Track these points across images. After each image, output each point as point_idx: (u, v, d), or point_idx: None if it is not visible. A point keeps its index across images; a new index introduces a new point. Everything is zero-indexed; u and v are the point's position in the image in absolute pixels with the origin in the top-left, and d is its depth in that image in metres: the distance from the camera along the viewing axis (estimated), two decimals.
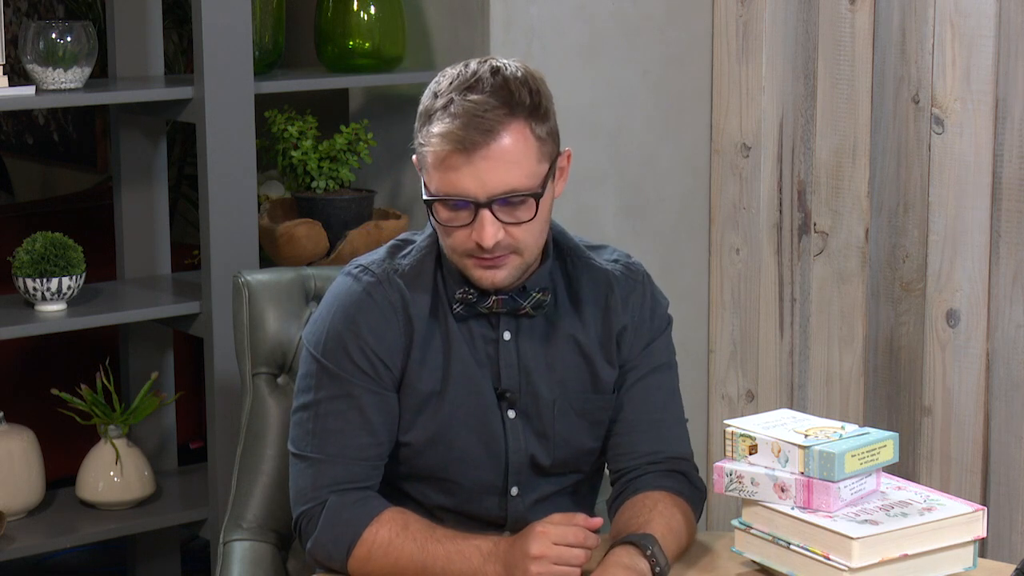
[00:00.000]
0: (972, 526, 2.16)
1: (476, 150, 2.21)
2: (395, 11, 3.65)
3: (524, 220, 2.26)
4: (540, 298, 2.35)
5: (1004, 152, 3.25)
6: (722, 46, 3.78)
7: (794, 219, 3.65)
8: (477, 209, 2.24)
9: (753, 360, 3.77)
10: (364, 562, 2.26)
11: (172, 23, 4.59)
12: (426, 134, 2.26)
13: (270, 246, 3.52)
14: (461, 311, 2.34)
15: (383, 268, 2.36)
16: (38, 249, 3.30)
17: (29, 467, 3.44)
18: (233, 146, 3.38)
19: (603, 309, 2.40)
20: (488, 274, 2.29)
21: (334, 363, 2.32)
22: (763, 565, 2.20)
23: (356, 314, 2.33)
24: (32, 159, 5.87)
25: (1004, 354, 3.29)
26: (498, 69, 2.26)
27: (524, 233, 2.27)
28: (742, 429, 2.22)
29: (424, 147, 2.26)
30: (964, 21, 3.28)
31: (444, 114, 2.23)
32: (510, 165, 2.23)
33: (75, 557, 4.33)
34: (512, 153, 2.23)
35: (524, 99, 2.25)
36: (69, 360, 4.13)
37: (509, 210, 2.25)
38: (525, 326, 2.37)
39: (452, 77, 2.27)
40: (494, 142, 2.22)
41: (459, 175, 2.22)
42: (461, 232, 2.26)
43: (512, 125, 2.23)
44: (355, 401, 2.32)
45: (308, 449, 2.33)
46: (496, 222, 2.24)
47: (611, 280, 2.41)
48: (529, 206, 2.25)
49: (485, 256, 2.27)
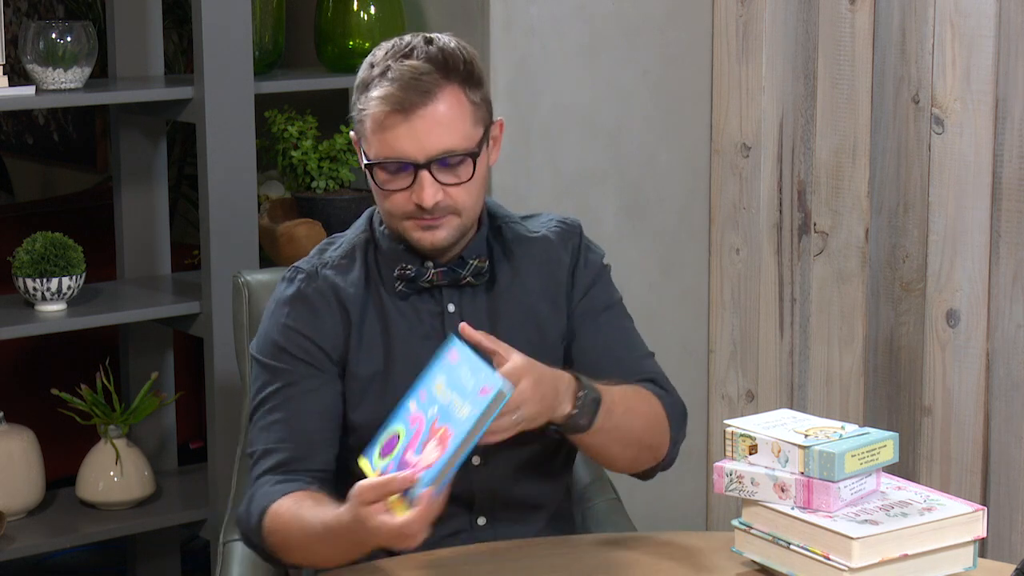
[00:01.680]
0: (972, 526, 2.16)
1: (414, 110, 2.29)
2: (395, 11, 3.65)
3: (463, 180, 2.33)
4: (478, 265, 2.41)
5: (1004, 152, 3.25)
6: (722, 46, 3.78)
7: (794, 219, 3.65)
8: (416, 171, 2.31)
9: (753, 360, 3.77)
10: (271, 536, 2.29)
11: (172, 23, 4.59)
12: (364, 100, 2.33)
13: (270, 246, 3.52)
14: (403, 288, 2.40)
15: (311, 264, 2.44)
16: (38, 249, 3.30)
17: (29, 467, 3.44)
18: (233, 146, 3.38)
19: (544, 263, 2.46)
20: (428, 235, 2.36)
21: (275, 359, 2.39)
22: (763, 565, 2.20)
23: (290, 311, 2.40)
24: (32, 159, 5.87)
25: (1004, 354, 3.29)
26: (432, 39, 2.36)
27: (462, 193, 2.34)
28: (742, 429, 2.22)
29: (364, 111, 2.34)
30: (964, 21, 3.28)
31: (382, 80, 2.32)
32: (446, 126, 2.31)
33: (75, 557, 4.33)
34: (448, 115, 2.31)
35: (458, 66, 2.33)
36: (69, 360, 4.13)
37: (447, 171, 2.32)
38: (468, 296, 2.42)
39: (387, 48, 2.36)
40: (431, 103, 2.30)
41: (397, 136, 2.30)
42: (400, 195, 2.34)
43: (447, 88, 2.31)
44: (298, 389, 2.37)
45: (259, 443, 2.38)
46: (435, 183, 2.32)
47: (547, 237, 2.48)
48: (467, 166, 2.33)
49: (425, 217, 2.34)
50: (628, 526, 2.73)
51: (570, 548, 2.34)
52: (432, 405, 2.13)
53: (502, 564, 2.27)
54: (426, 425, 2.12)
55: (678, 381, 2.58)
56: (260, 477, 2.35)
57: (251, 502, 2.33)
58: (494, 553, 2.32)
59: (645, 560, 2.28)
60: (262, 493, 2.32)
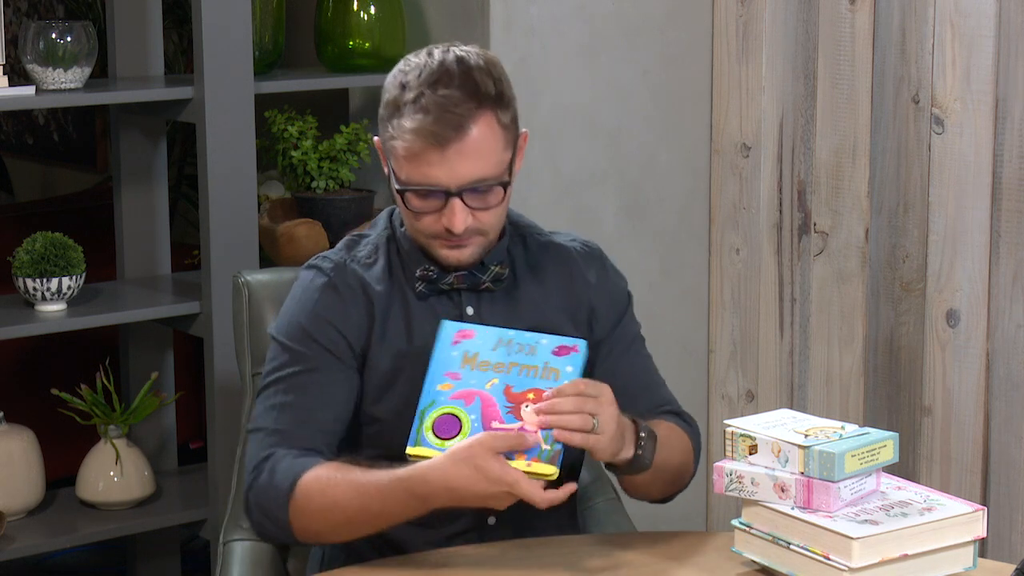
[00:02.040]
0: (972, 526, 2.16)
1: (449, 145, 2.30)
2: (395, 11, 3.65)
3: (492, 206, 2.35)
4: (498, 271, 2.42)
5: (1004, 152, 3.25)
6: (722, 46, 3.78)
7: (794, 219, 3.65)
8: (447, 197, 2.32)
9: (753, 360, 3.77)
10: (305, 503, 2.27)
11: (172, 23, 4.59)
12: (397, 127, 2.33)
13: (270, 246, 3.52)
14: (423, 289, 2.42)
15: (340, 257, 2.45)
16: (38, 249, 3.30)
17: (29, 467, 3.44)
18: (233, 146, 3.38)
19: (567, 278, 2.48)
20: (454, 253, 2.38)
21: (299, 343, 2.39)
22: (763, 565, 2.20)
23: (320, 298, 2.41)
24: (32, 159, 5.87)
25: (1004, 354, 3.29)
26: (462, 58, 2.34)
27: (490, 216, 2.37)
28: (742, 429, 2.22)
29: (395, 140, 2.33)
30: (964, 21, 3.28)
31: (415, 108, 2.31)
32: (479, 156, 2.32)
33: (75, 557, 4.33)
34: (481, 145, 2.32)
35: (490, 89, 2.33)
36: (69, 360, 4.13)
37: (478, 197, 2.34)
38: (486, 300, 2.44)
39: (419, 68, 2.34)
40: (466, 135, 2.30)
41: (431, 165, 2.31)
42: (430, 217, 2.35)
43: (480, 117, 2.31)
44: (318, 376, 2.37)
45: (267, 421, 2.37)
46: (465, 208, 2.33)
47: (572, 254, 2.50)
48: (496, 193, 2.35)
49: (453, 238, 2.35)
50: (628, 526, 2.73)
51: (570, 548, 2.34)
52: (484, 377, 2.20)
53: (502, 564, 2.27)
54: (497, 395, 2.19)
55: (678, 381, 2.60)
56: (273, 453, 2.33)
57: (274, 473, 2.30)
58: (494, 553, 2.32)
59: (645, 560, 2.28)
60: (288, 464, 2.30)
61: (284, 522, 2.30)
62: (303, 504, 2.28)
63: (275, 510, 2.30)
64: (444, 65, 2.33)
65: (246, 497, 2.35)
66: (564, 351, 2.24)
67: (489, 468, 2.15)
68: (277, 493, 2.30)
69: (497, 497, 2.17)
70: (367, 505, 2.24)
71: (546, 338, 2.26)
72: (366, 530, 2.28)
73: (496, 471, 2.15)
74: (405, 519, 2.25)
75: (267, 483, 2.31)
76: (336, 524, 2.28)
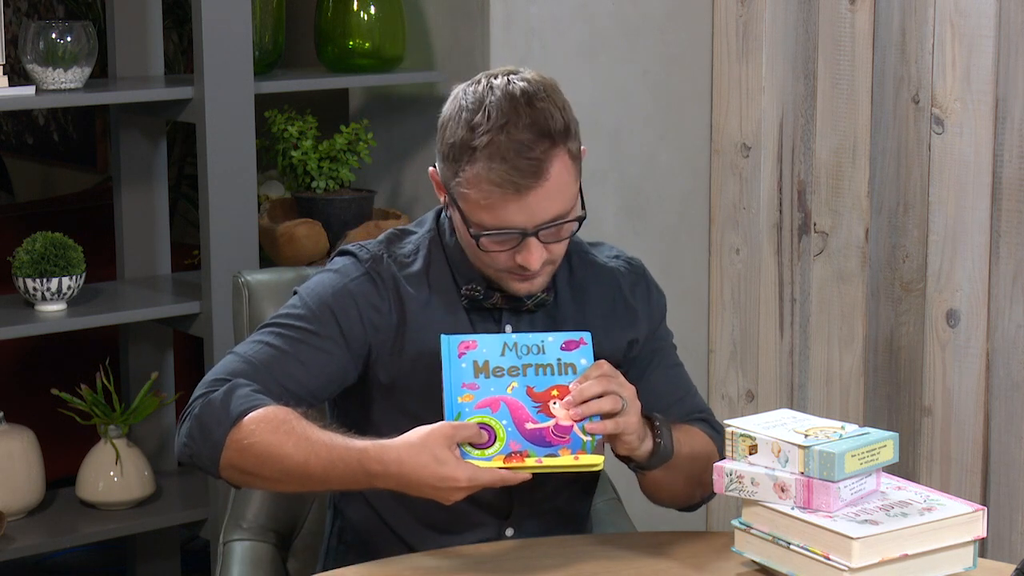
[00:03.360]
0: (972, 526, 2.16)
1: (529, 192, 2.26)
2: (395, 11, 3.65)
3: (564, 239, 2.33)
4: (543, 297, 2.40)
5: (1004, 152, 3.25)
6: (722, 46, 3.78)
7: (794, 219, 3.65)
8: (524, 236, 2.29)
9: (753, 360, 3.77)
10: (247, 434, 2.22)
11: (172, 23, 4.59)
12: (471, 175, 2.27)
13: (270, 246, 3.52)
14: (465, 305, 2.39)
15: (379, 251, 2.41)
16: (38, 249, 3.30)
17: (29, 467, 3.44)
18: (233, 146, 3.38)
19: (607, 295, 2.46)
20: (526, 286, 2.36)
21: (317, 308, 2.35)
22: (763, 565, 2.20)
23: (353, 282, 2.37)
24: (32, 159, 5.87)
25: (1004, 354, 3.29)
26: (527, 92, 2.28)
27: (562, 248, 2.35)
28: (742, 429, 2.22)
29: (467, 188, 2.28)
30: (964, 21, 3.28)
31: (488, 156, 2.25)
32: (558, 196, 2.28)
33: (75, 557, 4.33)
34: (559, 184, 2.28)
35: (559, 125, 2.28)
36: (69, 360, 4.13)
37: (553, 232, 2.31)
38: (526, 319, 2.41)
39: (482, 105, 2.27)
40: (545, 180, 2.26)
41: (507, 211, 2.27)
42: (504, 255, 2.32)
43: (555, 157, 2.27)
44: (317, 342, 2.33)
45: (247, 350, 2.34)
46: (541, 246, 2.30)
47: (616, 276, 2.48)
48: (571, 226, 2.33)
49: (527, 273, 2.32)
50: (628, 526, 2.73)
51: (570, 548, 2.34)
52: (502, 383, 2.19)
53: (502, 564, 2.27)
54: (521, 397, 2.18)
55: None
56: (235, 380, 2.28)
57: (231, 395, 2.25)
58: (494, 553, 2.32)
59: (645, 560, 2.28)
60: (246, 393, 2.25)
61: (218, 444, 2.23)
62: (245, 435, 2.22)
63: (215, 429, 2.24)
64: (511, 102, 2.27)
65: (188, 408, 2.29)
66: (572, 345, 2.24)
67: (444, 459, 2.12)
68: (225, 415, 2.23)
69: (444, 491, 2.14)
70: (309, 462, 2.19)
71: (551, 335, 2.26)
72: (293, 487, 2.25)
73: (451, 462, 2.12)
74: (340, 488, 2.22)
75: (218, 400, 2.25)
76: (269, 468, 2.22)
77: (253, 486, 2.31)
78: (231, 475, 2.27)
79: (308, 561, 2.67)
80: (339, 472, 2.19)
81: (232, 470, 2.25)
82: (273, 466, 2.21)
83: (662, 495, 2.43)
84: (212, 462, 2.25)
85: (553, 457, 2.16)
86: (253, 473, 2.24)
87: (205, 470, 2.29)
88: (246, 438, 2.22)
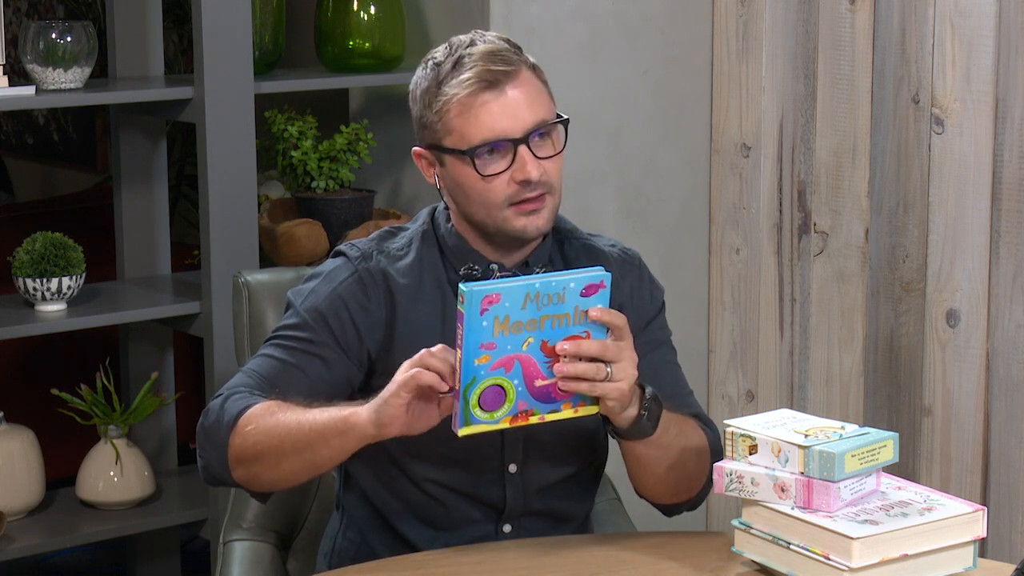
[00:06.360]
0: (972, 526, 2.16)
1: (506, 81, 2.31)
2: (395, 11, 3.65)
3: (557, 151, 2.35)
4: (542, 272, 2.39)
5: (1004, 152, 3.25)
6: (722, 46, 3.78)
7: (794, 219, 3.65)
8: (515, 148, 2.31)
9: (753, 360, 3.77)
10: (244, 425, 2.27)
11: (172, 23, 4.60)
12: (443, 93, 2.32)
13: (270, 246, 3.52)
14: None
15: (369, 248, 2.43)
16: (38, 249, 3.30)
17: (29, 467, 3.44)
18: (233, 146, 3.38)
19: None
20: (532, 219, 2.35)
21: (311, 318, 2.38)
22: (763, 565, 2.20)
23: (343, 287, 2.39)
24: (32, 159, 5.87)
25: (1004, 354, 3.29)
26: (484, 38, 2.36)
27: (555, 169, 2.35)
28: (742, 429, 2.22)
29: (446, 103, 2.32)
30: (964, 21, 3.28)
31: (460, 67, 2.32)
32: (536, 98, 2.33)
33: (75, 557, 4.33)
34: (535, 87, 2.34)
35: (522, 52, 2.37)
36: (69, 360, 4.13)
37: (543, 143, 2.34)
38: None
39: (444, 49, 2.36)
40: (518, 75, 2.32)
41: (492, 115, 2.30)
42: (500, 180, 2.32)
43: (521, 63, 2.34)
44: (316, 350, 2.36)
45: (254, 364, 2.37)
46: (535, 158, 2.32)
47: (608, 260, 2.47)
48: (558, 135, 2.35)
49: (528, 197, 2.33)
50: (628, 526, 2.73)
51: (570, 548, 2.34)
52: (519, 340, 2.17)
53: (502, 563, 2.27)
54: (534, 352, 2.17)
55: None
56: (234, 389, 2.34)
57: (228, 401, 2.31)
58: (494, 553, 2.32)
59: (645, 560, 2.28)
60: (240, 396, 2.31)
61: (222, 446, 2.29)
62: (243, 428, 2.27)
63: (217, 433, 2.29)
64: (470, 37, 2.35)
65: (198, 425, 2.35)
66: (592, 290, 2.20)
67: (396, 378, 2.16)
68: (224, 418, 2.29)
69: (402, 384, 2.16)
70: (301, 426, 2.23)
71: (572, 280, 2.20)
72: (295, 463, 2.26)
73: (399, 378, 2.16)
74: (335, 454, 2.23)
75: (217, 409, 2.31)
76: (268, 449, 2.25)
77: (263, 480, 2.32)
78: (241, 475, 2.31)
79: (308, 561, 2.67)
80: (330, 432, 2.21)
81: (240, 468, 2.29)
82: (271, 445, 2.25)
83: (645, 478, 2.39)
84: (222, 466, 2.31)
85: (556, 412, 2.20)
86: (257, 459, 2.27)
87: (221, 479, 2.34)
88: (245, 427, 2.27)
